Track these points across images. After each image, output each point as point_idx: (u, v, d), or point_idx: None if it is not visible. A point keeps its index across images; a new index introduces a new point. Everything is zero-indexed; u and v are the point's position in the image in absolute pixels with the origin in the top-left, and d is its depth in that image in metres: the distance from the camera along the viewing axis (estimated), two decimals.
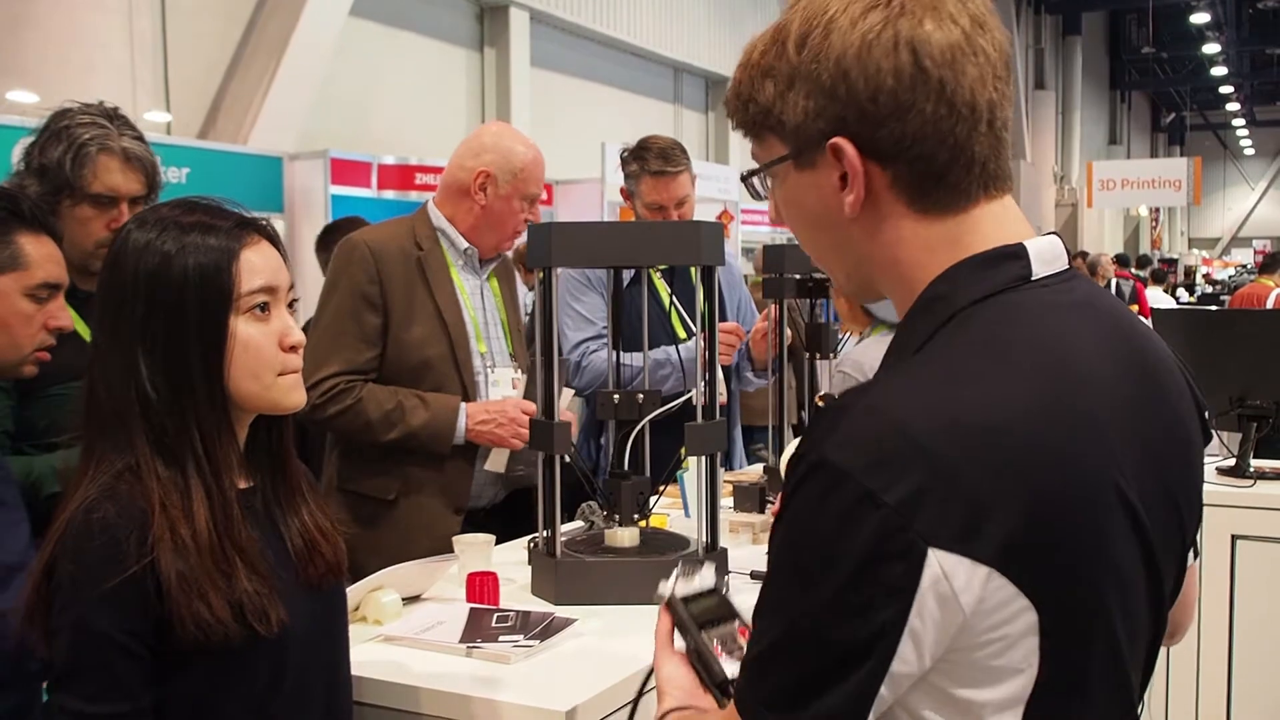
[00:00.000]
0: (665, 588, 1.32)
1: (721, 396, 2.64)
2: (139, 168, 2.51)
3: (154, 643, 1.43)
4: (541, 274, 2.40)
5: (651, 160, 3.56)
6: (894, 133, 1.05)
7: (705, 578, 1.32)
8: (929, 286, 1.08)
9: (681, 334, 3.60)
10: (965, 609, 0.94)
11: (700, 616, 1.27)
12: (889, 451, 0.94)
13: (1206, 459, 3.43)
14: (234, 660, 1.47)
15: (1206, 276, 24.32)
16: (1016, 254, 1.07)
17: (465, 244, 3.01)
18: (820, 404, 1.39)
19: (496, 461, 2.94)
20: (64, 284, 2.13)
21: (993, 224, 1.09)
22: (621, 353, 2.75)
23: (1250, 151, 43.73)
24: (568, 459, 2.46)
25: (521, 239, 3.11)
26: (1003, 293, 1.05)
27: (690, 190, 3.63)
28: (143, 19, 7.79)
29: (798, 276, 3.17)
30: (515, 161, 2.98)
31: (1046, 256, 1.08)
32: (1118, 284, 13.50)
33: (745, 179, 1.20)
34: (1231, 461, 3.67)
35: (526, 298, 4.21)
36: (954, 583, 0.93)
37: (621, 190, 3.74)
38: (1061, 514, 0.97)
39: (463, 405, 2.86)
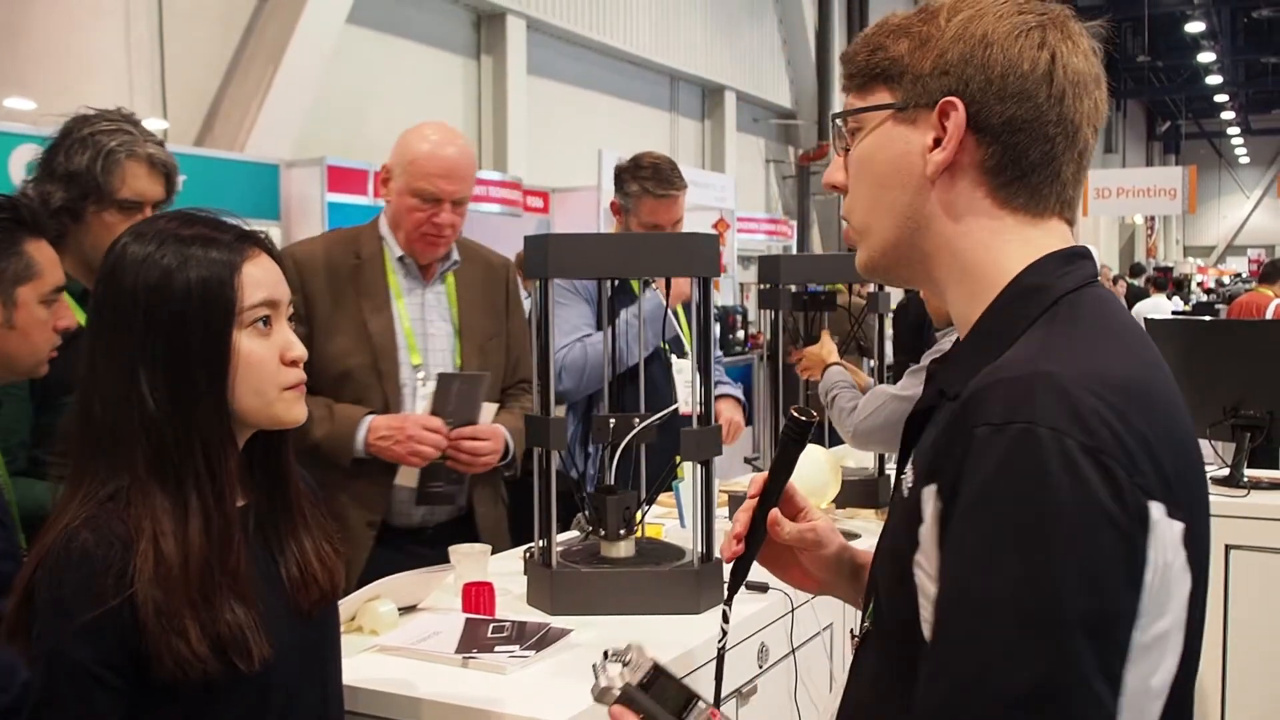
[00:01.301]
0: (608, 679, 1.18)
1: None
2: (162, 173, 2.54)
3: (132, 675, 1.40)
4: (539, 284, 2.41)
5: (652, 183, 3.59)
6: (1007, 113, 1.10)
7: (641, 657, 1.19)
8: (1021, 276, 1.11)
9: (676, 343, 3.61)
10: (1166, 561, 0.96)
11: (669, 704, 1.16)
12: (1086, 410, 0.95)
13: None
14: (216, 693, 1.44)
15: (1201, 285, 24.36)
16: (1086, 255, 1.15)
17: (399, 251, 2.95)
18: (796, 414, 1.38)
19: (407, 476, 2.86)
20: (64, 284, 2.15)
21: (1062, 238, 1.15)
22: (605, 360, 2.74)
23: (1245, 160, 43.81)
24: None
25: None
26: (1087, 286, 1.12)
27: (682, 212, 3.67)
28: (140, 26, 7.79)
29: (793, 289, 3.18)
30: (407, 155, 2.92)
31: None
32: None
33: (839, 117, 1.22)
34: (1225, 471, 3.68)
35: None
36: (1162, 533, 0.95)
37: (612, 204, 3.73)
38: (1189, 465, 1.02)
39: (366, 419, 2.79)
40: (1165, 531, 0.95)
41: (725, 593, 1.43)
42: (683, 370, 3.46)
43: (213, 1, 9.39)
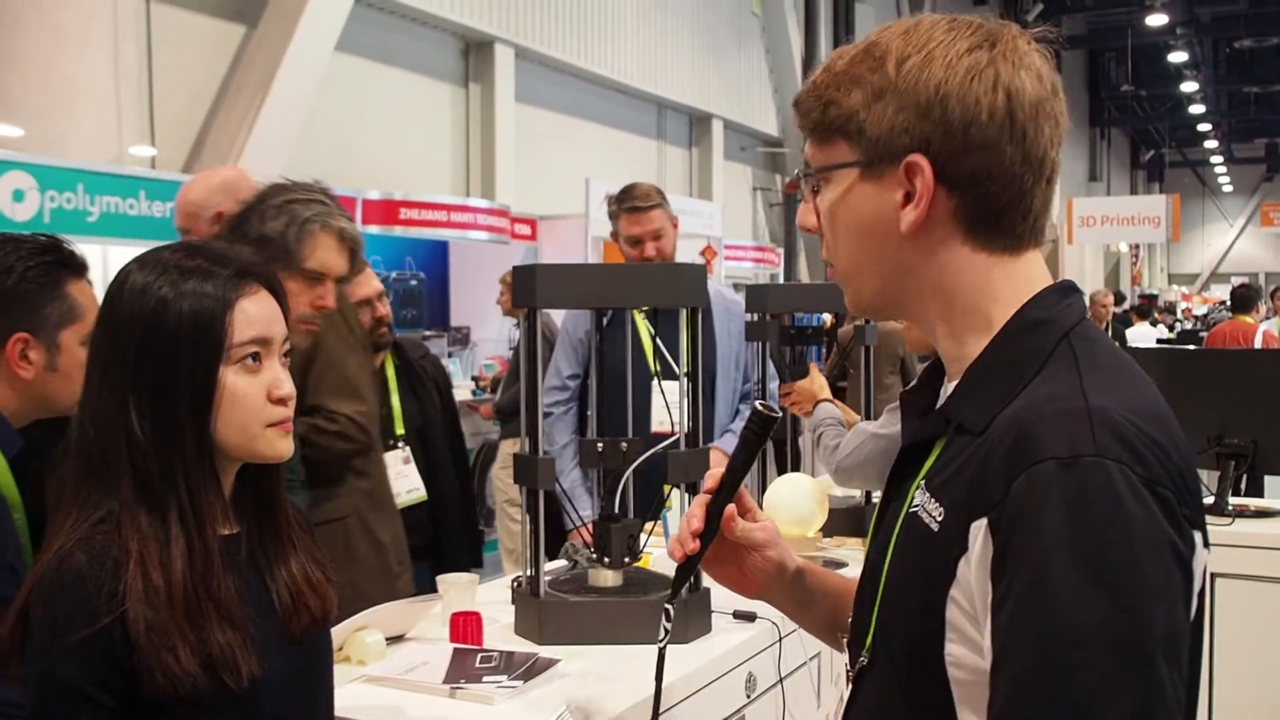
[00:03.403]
0: None
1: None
2: (349, 248, 2.54)
3: (124, 692, 1.41)
4: (526, 314, 2.43)
5: (626, 201, 3.78)
6: (972, 164, 1.10)
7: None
8: (1021, 312, 1.12)
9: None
10: (1200, 587, 1.01)
11: None
12: (1140, 444, 0.98)
13: None
14: (206, 711, 1.45)
15: (1186, 312, 24.48)
16: (1076, 289, 1.17)
17: None
18: (761, 409, 1.37)
19: None
20: None
21: (1040, 268, 1.17)
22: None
23: (1229, 188, 44.12)
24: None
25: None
26: (1083, 320, 1.13)
27: (665, 226, 3.78)
28: (128, 53, 7.81)
29: (784, 323, 3.20)
30: None
31: None
32: None
33: (802, 176, 1.21)
34: (1210, 499, 3.70)
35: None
36: (1200, 559, 1.00)
37: (611, 234, 3.91)
38: (1195, 486, 1.05)
39: None
40: (1202, 558, 1.01)
41: (670, 591, 1.39)
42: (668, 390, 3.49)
43: (201, 28, 9.42)
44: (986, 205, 1.12)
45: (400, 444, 3.27)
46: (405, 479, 3.25)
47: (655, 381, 3.47)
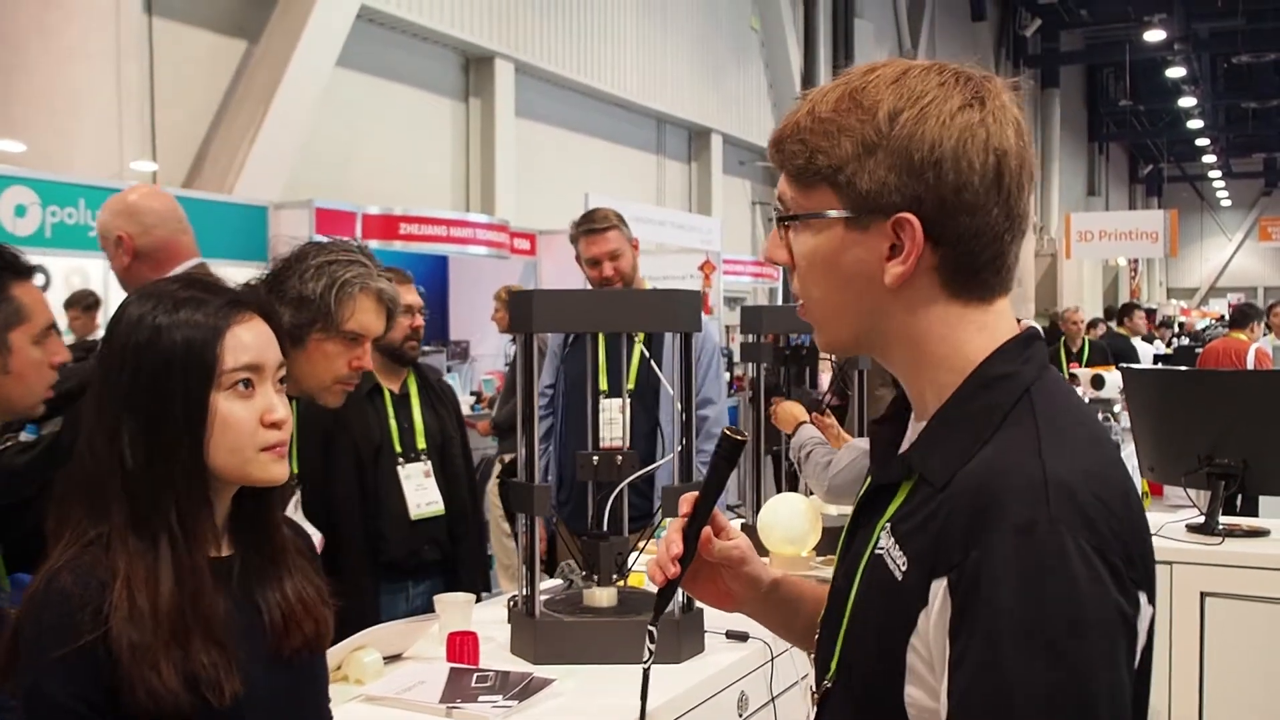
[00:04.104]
0: None
1: None
2: (385, 309, 2.55)
3: (108, 708, 1.45)
4: (523, 339, 2.47)
5: (584, 223, 3.98)
6: (961, 225, 1.12)
7: None
8: (985, 365, 1.15)
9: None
10: (1143, 644, 1.06)
11: None
12: (1093, 512, 1.02)
13: (1177, 517, 3.44)
14: None
15: (1185, 326, 24.48)
16: (1038, 336, 1.20)
17: None
18: (729, 433, 1.41)
19: None
20: (54, 321, 2.19)
21: (1008, 315, 1.20)
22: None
23: (1227, 203, 44.16)
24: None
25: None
26: (1045, 372, 1.16)
27: (623, 247, 3.93)
28: (130, 69, 7.86)
29: (778, 344, 3.23)
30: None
31: None
32: None
33: (783, 221, 1.21)
34: (1201, 519, 3.72)
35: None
36: (1145, 618, 1.05)
37: (575, 257, 4.08)
38: (1150, 551, 1.09)
39: None
40: (1146, 615, 1.05)
41: (653, 614, 1.42)
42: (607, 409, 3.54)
43: (203, 44, 9.47)
44: (969, 262, 1.14)
45: (423, 457, 3.31)
46: (425, 491, 3.29)
47: (600, 399, 3.54)
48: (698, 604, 2.47)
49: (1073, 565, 0.99)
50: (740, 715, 2.46)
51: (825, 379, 3.67)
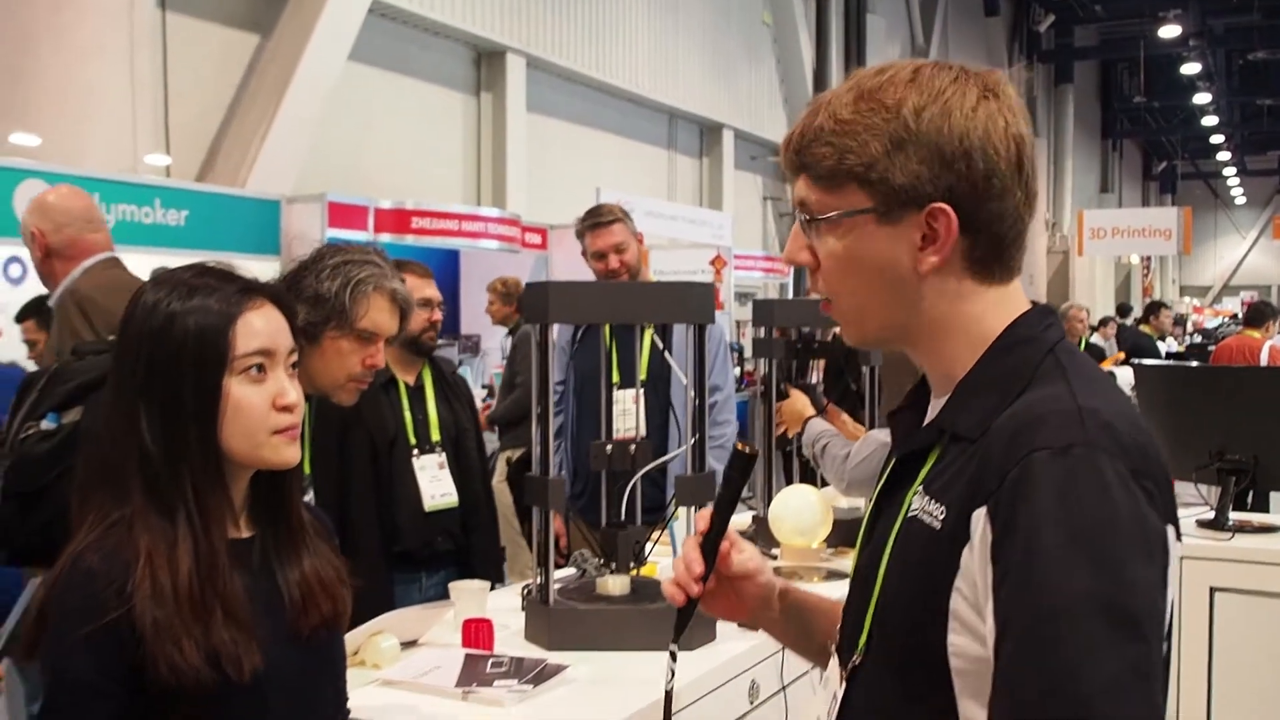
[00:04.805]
0: None
1: None
2: (399, 310, 2.59)
3: (133, 684, 1.49)
4: (538, 329, 2.49)
5: (589, 218, 4.06)
6: (991, 210, 1.18)
7: None
8: (1009, 331, 1.21)
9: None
10: (1172, 576, 1.08)
11: None
12: (1129, 442, 1.07)
13: (1187, 511, 3.46)
14: (213, 702, 1.52)
15: (1197, 325, 24.42)
16: (1053, 311, 1.26)
17: None
18: (740, 448, 1.43)
19: None
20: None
21: (1020, 292, 1.25)
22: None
23: (1241, 200, 43.96)
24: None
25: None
26: (1063, 338, 1.22)
27: (628, 240, 3.99)
28: (143, 63, 7.89)
29: (790, 338, 3.24)
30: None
31: None
32: None
33: (812, 222, 1.23)
34: (1211, 514, 3.73)
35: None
36: (1173, 552, 1.08)
37: (581, 253, 4.13)
38: (1170, 488, 1.12)
39: None
40: (1176, 549, 1.09)
41: (674, 633, 1.42)
42: (621, 400, 3.56)
43: (215, 38, 9.50)
44: (996, 244, 1.20)
45: (437, 449, 3.34)
46: (439, 483, 3.32)
47: (614, 391, 3.57)
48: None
49: (1109, 480, 1.04)
50: (751, 704, 2.48)
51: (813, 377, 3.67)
